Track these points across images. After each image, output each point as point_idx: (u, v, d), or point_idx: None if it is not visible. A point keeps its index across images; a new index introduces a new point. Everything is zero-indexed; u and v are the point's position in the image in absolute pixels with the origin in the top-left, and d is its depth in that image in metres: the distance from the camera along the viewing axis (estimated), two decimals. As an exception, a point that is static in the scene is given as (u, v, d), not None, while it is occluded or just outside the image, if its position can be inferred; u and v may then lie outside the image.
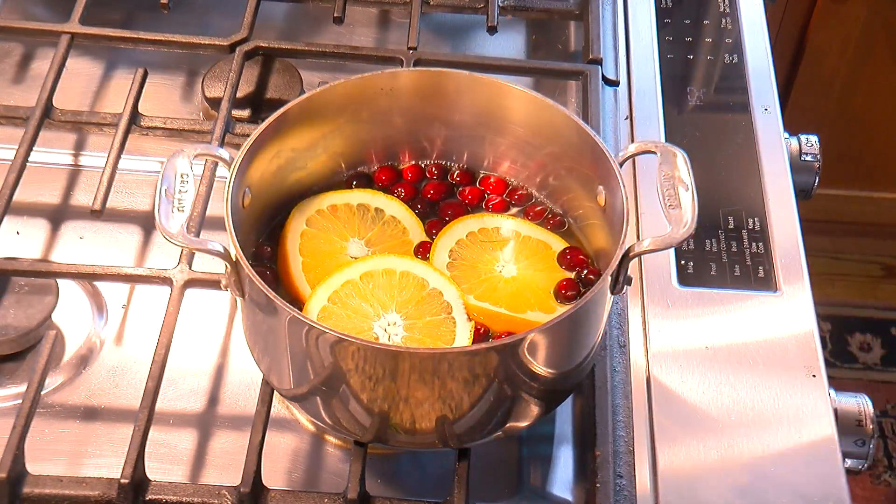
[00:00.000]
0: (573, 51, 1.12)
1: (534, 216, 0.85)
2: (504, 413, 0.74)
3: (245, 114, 1.00)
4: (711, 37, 1.09)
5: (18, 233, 0.93)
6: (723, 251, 0.91)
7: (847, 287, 2.15)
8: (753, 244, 0.91)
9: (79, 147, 1.00)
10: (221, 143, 0.93)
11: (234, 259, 0.72)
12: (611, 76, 1.03)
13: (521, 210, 0.85)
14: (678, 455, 0.79)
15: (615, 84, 1.03)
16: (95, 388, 0.84)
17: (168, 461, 0.80)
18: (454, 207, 0.85)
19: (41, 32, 1.03)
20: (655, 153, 0.77)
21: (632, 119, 1.01)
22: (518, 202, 0.86)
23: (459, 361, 0.69)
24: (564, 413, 0.84)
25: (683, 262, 0.90)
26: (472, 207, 0.85)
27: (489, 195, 0.86)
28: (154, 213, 0.71)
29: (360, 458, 0.75)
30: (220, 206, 0.73)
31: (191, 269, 0.84)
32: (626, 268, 0.74)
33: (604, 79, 1.02)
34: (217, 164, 0.90)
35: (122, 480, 0.73)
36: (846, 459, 0.81)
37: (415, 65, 0.99)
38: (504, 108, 0.83)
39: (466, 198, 0.86)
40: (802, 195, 0.98)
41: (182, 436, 0.82)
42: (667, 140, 0.98)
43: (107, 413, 0.83)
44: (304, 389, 0.74)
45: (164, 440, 0.81)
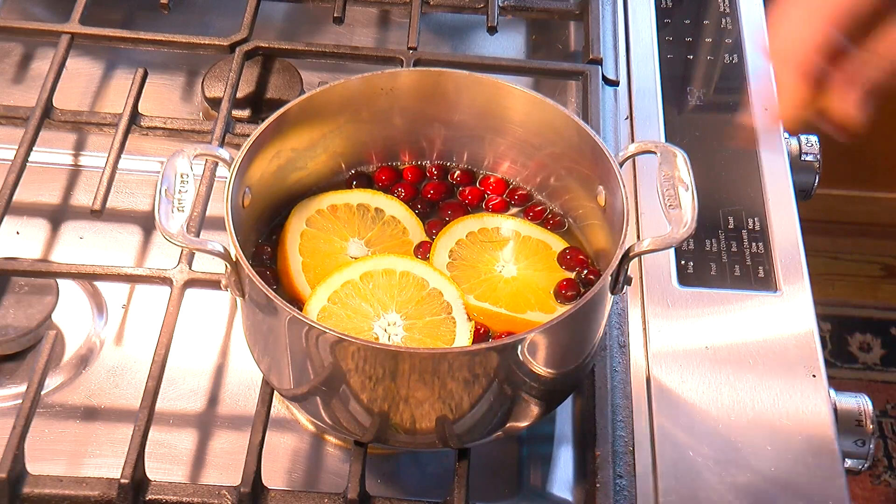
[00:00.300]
0: (573, 51, 1.12)
1: (534, 216, 0.85)
2: (504, 413, 0.74)
3: (245, 114, 1.00)
4: (711, 37, 1.09)
5: (18, 233, 0.93)
6: (723, 251, 0.91)
7: (847, 287, 2.15)
8: (753, 244, 0.91)
9: (79, 147, 1.00)
10: (221, 143, 0.93)
11: (234, 259, 0.72)
12: (611, 76, 1.03)
13: (521, 210, 0.85)
14: (678, 455, 0.79)
15: (615, 84, 1.03)
16: (95, 388, 0.84)
17: (168, 461, 0.80)
18: (454, 207, 0.85)
19: (41, 32, 1.03)
20: (655, 153, 0.77)
21: (632, 119, 1.01)
22: (518, 202, 0.86)
23: (459, 361, 0.69)
24: (564, 413, 0.84)
25: (683, 262, 0.90)
26: (472, 207, 0.85)
27: (489, 195, 0.86)
28: (154, 213, 0.71)
29: (360, 458, 0.75)
30: (220, 206, 0.73)
31: (191, 269, 0.84)
32: (626, 268, 0.74)
33: (604, 79, 1.02)
34: (217, 164, 0.90)
35: (122, 480, 0.73)
36: (846, 459, 0.81)
37: (415, 65, 0.99)
38: (504, 108, 0.83)
39: (466, 198, 0.86)
40: (802, 195, 0.98)
41: (182, 436, 0.82)
42: (667, 140, 0.98)
43: (107, 413, 0.83)
44: (304, 389, 0.74)
45: (164, 440, 0.81)
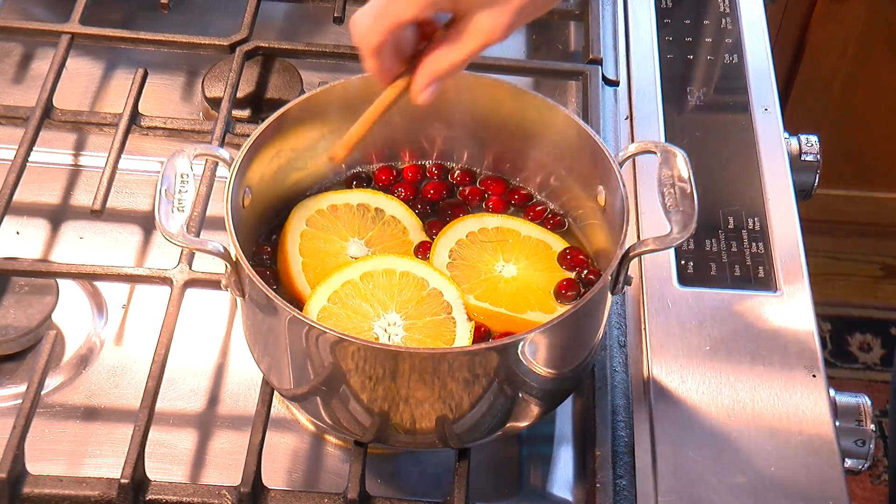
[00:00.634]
0: (573, 51, 1.12)
1: (534, 216, 0.85)
2: (504, 413, 0.74)
3: (245, 114, 1.00)
4: (711, 37, 1.09)
5: (18, 233, 0.93)
6: (723, 251, 0.91)
7: (847, 287, 2.15)
8: (753, 244, 0.91)
9: (79, 147, 1.00)
10: (221, 143, 0.93)
11: (234, 259, 0.72)
12: (611, 76, 1.03)
13: (521, 210, 0.85)
14: (678, 455, 0.79)
15: (615, 84, 1.03)
16: (95, 388, 0.84)
17: (168, 461, 0.80)
18: (454, 207, 0.85)
19: (41, 32, 1.03)
20: (655, 153, 0.77)
21: (632, 119, 1.01)
22: (518, 202, 0.86)
23: (459, 361, 0.69)
24: (564, 413, 0.84)
25: (683, 262, 0.90)
26: (472, 207, 0.85)
27: (489, 195, 0.86)
28: (154, 213, 0.71)
29: (360, 458, 0.75)
30: (220, 206, 0.73)
31: (191, 269, 0.84)
32: (626, 268, 0.74)
33: (604, 79, 1.02)
34: (217, 164, 0.90)
35: (122, 480, 0.73)
36: (846, 459, 0.81)
37: (415, 65, 0.99)
38: (504, 108, 0.83)
39: (466, 198, 0.86)
40: (802, 195, 0.98)
41: (182, 436, 0.82)
42: (667, 140, 0.98)
43: (107, 413, 0.83)
44: (304, 389, 0.74)
45: (164, 440, 0.81)
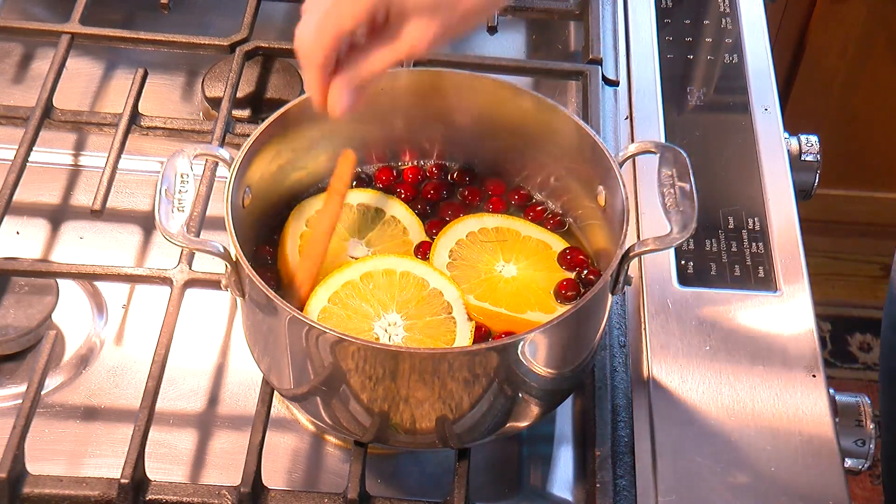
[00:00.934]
0: (573, 51, 1.12)
1: (534, 216, 0.85)
2: (504, 413, 0.74)
3: (245, 114, 1.00)
4: (711, 37, 1.09)
5: (18, 233, 0.93)
6: (723, 251, 0.91)
7: (847, 287, 2.15)
8: (753, 244, 0.91)
9: (79, 147, 1.00)
10: (221, 143, 0.93)
11: (234, 259, 0.72)
12: (611, 76, 1.03)
13: (521, 210, 0.85)
14: (678, 455, 0.79)
15: (615, 84, 1.03)
16: (95, 388, 0.84)
17: (168, 461, 0.80)
18: (454, 207, 0.85)
19: (41, 32, 1.03)
20: (655, 153, 0.77)
21: (632, 119, 1.01)
22: (518, 202, 0.86)
23: (459, 361, 0.69)
24: (564, 413, 0.84)
25: (683, 262, 0.90)
26: (472, 207, 0.85)
27: (489, 195, 0.86)
28: (154, 213, 0.71)
29: (360, 458, 0.75)
30: (220, 206, 0.73)
31: (191, 269, 0.84)
32: (626, 268, 0.74)
33: (604, 79, 1.02)
34: (217, 164, 0.90)
35: (122, 480, 0.73)
36: (846, 459, 0.81)
37: (415, 65, 0.99)
38: (504, 109, 0.83)
39: (466, 198, 0.86)
40: (802, 195, 0.98)
41: (182, 436, 0.82)
42: (667, 140, 0.98)
43: (107, 413, 0.83)
44: (304, 389, 0.74)
45: (164, 440, 0.81)
